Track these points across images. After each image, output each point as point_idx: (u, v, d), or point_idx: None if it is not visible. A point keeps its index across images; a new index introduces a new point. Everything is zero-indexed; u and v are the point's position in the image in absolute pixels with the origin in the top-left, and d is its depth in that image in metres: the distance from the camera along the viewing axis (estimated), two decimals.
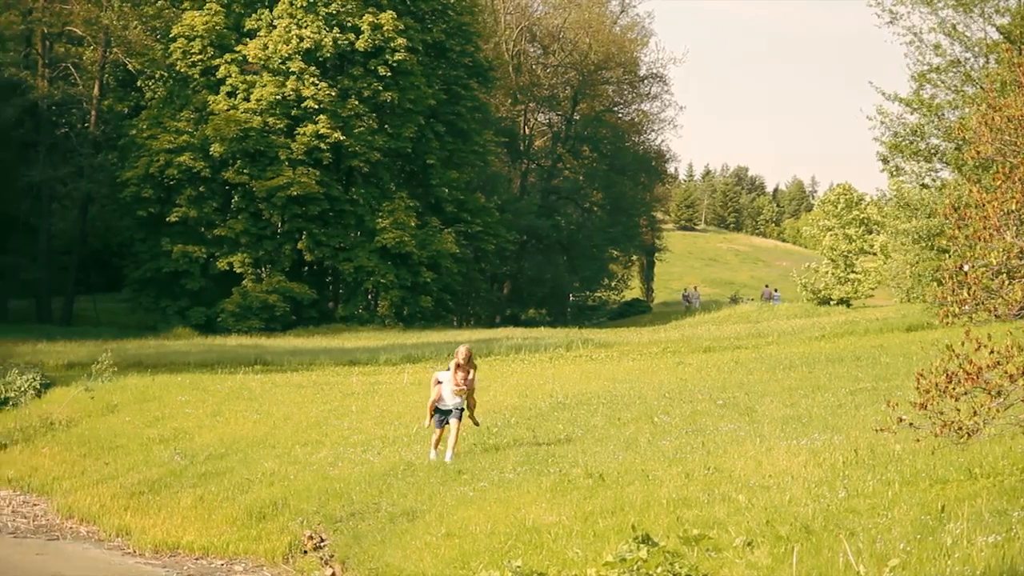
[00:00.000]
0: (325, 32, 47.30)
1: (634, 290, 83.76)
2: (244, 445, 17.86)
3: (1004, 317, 10.55)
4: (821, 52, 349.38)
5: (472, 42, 54.23)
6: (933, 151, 31.57)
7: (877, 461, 10.21)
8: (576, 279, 68.43)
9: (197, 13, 47.78)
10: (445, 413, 14.48)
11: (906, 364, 19.20)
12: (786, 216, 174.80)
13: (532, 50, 69.37)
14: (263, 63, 47.50)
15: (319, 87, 46.96)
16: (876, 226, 47.88)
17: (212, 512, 14.05)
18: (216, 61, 47.95)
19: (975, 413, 10.27)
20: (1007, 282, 10.32)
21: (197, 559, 12.81)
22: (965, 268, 10.81)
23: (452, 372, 14.39)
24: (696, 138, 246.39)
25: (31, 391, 24.46)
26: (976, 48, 30.94)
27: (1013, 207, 10.34)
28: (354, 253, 48.11)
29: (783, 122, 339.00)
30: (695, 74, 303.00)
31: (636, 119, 74.25)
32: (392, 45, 47.83)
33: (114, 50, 48.17)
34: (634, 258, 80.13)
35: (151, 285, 47.35)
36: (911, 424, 10.48)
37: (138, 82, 49.62)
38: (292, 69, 46.99)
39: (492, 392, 20.74)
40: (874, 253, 48.89)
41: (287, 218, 47.58)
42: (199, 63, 47.80)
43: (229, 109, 46.90)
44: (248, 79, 47.69)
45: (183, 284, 46.46)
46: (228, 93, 47.73)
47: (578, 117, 69.70)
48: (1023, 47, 27.53)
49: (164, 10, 48.96)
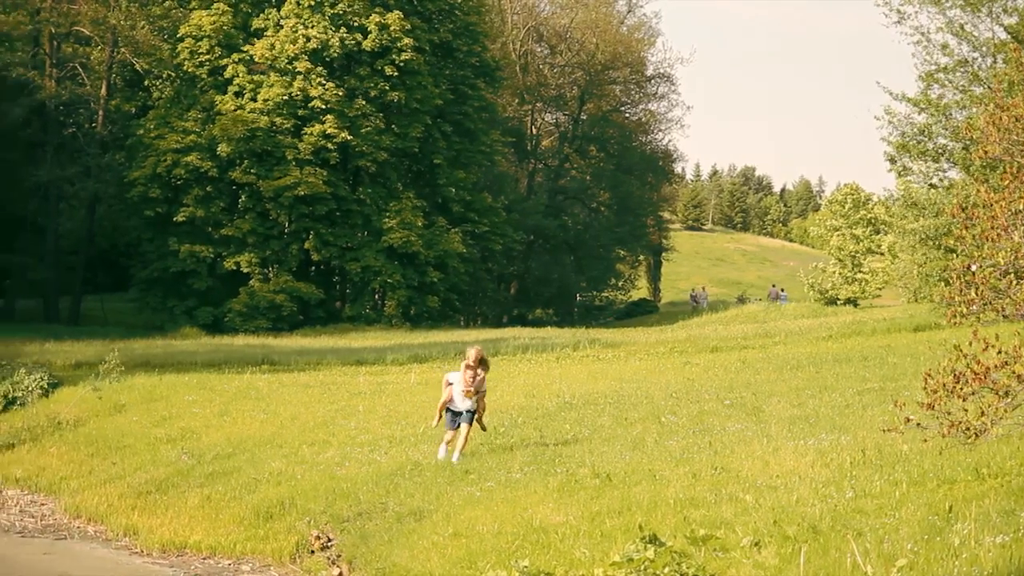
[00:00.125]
0: (332, 32, 47.36)
1: (641, 290, 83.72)
2: (251, 445, 17.86)
3: (1012, 317, 10.54)
4: (821, 52, 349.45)
5: (479, 42, 54.25)
6: (941, 151, 31.54)
7: (884, 461, 10.19)
8: (583, 279, 68.45)
9: (204, 13, 47.87)
10: (456, 415, 14.27)
11: (913, 364, 19.18)
12: (793, 216, 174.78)
13: (539, 50, 69.41)
14: (270, 63, 47.59)
15: (326, 87, 47.01)
16: (883, 226, 47.85)
17: (219, 512, 14.05)
18: (223, 61, 48.05)
19: (983, 413, 10.23)
20: (1015, 282, 10.30)
21: (204, 559, 12.81)
22: (973, 268, 10.79)
23: (462, 372, 14.23)
24: (700, 138, 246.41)
25: (38, 391, 24.46)
26: (984, 48, 30.90)
27: (1021, 207, 10.32)
28: (361, 253, 48.16)
29: (785, 122, 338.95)
30: (699, 74, 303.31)
31: (643, 119, 74.21)
32: (399, 45, 47.89)
33: (121, 50, 48.22)
34: (641, 258, 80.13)
35: (158, 285, 47.44)
36: (918, 424, 10.45)
37: (145, 82, 49.80)
38: (299, 69, 47.06)
39: (499, 392, 20.70)
40: (881, 253, 48.87)
41: (294, 218, 47.66)
42: (206, 63, 47.90)
43: (236, 109, 46.98)
44: (255, 79, 47.76)
45: (190, 284, 46.55)
46: (235, 93, 47.83)
47: (585, 117, 69.69)
48: None
49: (172, 10, 49.09)
